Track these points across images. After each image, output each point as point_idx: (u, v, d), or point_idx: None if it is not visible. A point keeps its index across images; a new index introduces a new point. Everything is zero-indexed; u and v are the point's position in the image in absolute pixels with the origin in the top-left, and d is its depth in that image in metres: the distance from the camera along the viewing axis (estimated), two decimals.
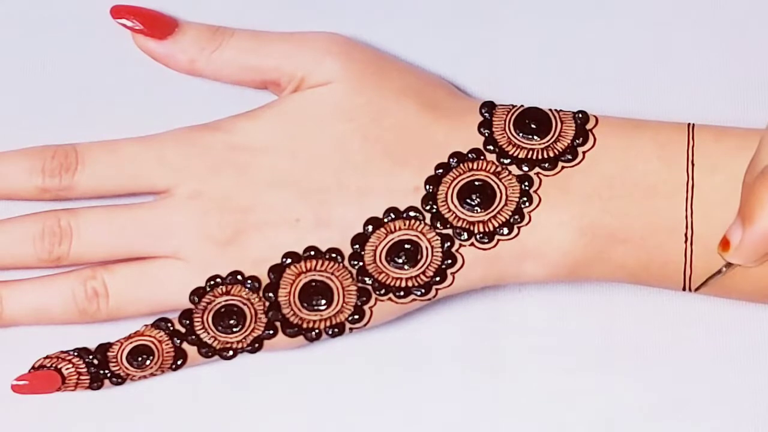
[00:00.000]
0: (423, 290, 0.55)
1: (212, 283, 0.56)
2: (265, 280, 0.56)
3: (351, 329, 0.56)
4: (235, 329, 0.56)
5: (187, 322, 0.56)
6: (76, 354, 0.57)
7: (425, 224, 0.56)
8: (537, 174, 0.56)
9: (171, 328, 0.56)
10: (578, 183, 0.55)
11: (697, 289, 0.55)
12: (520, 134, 0.56)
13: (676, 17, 0.60)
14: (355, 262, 0.56)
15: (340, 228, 0.56)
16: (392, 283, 0.56)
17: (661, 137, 0.55)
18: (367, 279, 0.56)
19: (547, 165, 0.56)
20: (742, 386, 0.58)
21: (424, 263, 0.55)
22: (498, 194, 0.55)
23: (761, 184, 0.50)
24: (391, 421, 0.58)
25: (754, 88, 0.59)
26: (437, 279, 0.55)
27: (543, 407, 0.58)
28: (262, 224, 0.56)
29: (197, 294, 0.56)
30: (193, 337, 0.56)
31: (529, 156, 0.56)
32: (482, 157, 0.56)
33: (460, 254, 0.55)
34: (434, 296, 0.56)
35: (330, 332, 0.56)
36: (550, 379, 0.58)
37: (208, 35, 0.58)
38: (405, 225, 0.56)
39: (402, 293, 0.56)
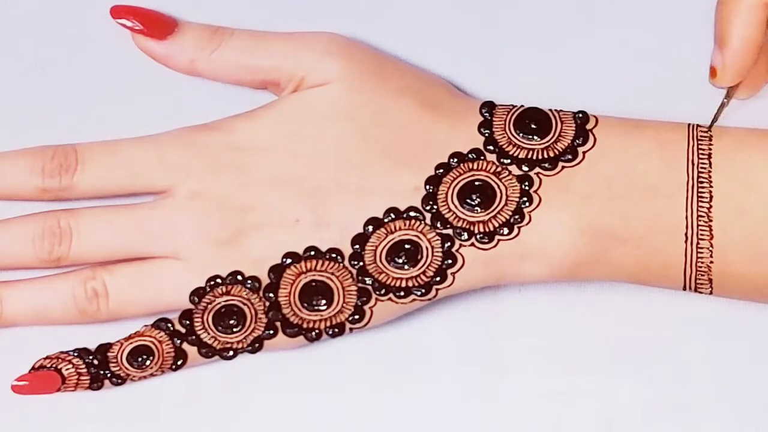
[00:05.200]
0: (423, 290, 0.55)
1: (212, 283, 0.56)
2: (265, 280, 0.56)
3: (351, 329, 0.56)
4: (235, 329, 0.56)
5: (187, 322, 0.56)
6: (76, 354, 0.57)
7: (425, 224, 0.56)
8: (537, 174, 0.56)
9: (171, 329, 0.56)
10: (578, 183, 0.55)
11: (709, 128, 0.55)
12: (520, 134, 0.56)
13: (677, 17, 0.60)
14: (356, 262, 0.56)
15: (340, 228, 0.56)
16: (392, 283, 0.55)
17: (661, 137, 0.56)
18: (367, 279, 0.56)
19: (547, 165, 0.56)
20: (742, 386, 0.57)
21: (425, 263, 0.55)
22: (498, 194, 0.55)
23: (725, 8, 0.54)
24: (391, 422, 0.58)
25: None
26: (437, 279, 0.55)
27: (543, 407, 0.58)
28: (261, 224, 0.56)
29: (197, 294, 0.56)
30: (194, 337, 0.56)
31: (530, 156, 0.56)
32: (482, 157, 0.56)
33: (461, 254, 0.55)
34: (434, 296, 0.56)
35: (330, 332, 0.56)
36: (550, 379, 0.58)
37: (208, 35, 0.58)
38: (405, 225, 0.56)
39: (402, 293, 0.56)
